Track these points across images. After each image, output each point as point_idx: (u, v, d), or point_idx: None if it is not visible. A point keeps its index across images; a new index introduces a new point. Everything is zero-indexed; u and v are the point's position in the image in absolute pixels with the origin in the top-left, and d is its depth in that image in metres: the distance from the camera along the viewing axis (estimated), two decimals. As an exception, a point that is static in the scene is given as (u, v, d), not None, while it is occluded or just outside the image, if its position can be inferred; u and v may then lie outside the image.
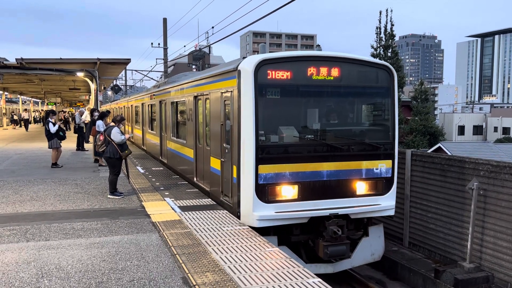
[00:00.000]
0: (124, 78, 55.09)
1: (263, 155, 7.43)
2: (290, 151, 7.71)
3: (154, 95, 17.17)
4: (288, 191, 7.63)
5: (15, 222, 7.73)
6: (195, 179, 10.88)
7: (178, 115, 13.07)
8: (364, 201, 8.10)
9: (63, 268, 5.58)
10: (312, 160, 7.71)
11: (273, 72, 7.45)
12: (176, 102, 13.00)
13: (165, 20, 31.22)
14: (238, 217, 7.80)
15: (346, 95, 8.29)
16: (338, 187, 7.90)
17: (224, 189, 8.64)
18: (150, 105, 18.30)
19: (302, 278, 5.17)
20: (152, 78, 42.51)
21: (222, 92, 8.47)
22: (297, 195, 7.65)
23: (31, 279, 5.23)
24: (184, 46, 34.52)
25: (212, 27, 25.55)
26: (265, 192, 7.46)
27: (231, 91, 7.90)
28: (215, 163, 9.07)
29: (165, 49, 31.49)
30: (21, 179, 12.32)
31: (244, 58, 7.87)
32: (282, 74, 7.50)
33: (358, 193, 8.06)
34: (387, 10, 38.72)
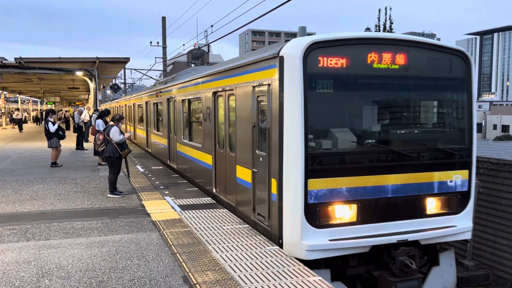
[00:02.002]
0: (123, 77, 55.03)
1: (314, 166, 5.88)
2: (348, 161, 6.15)
3: (160, 92, 15.59)
4: (345, 212, 6.12)
5: (15, 222, 7.73)
6: (214, 189, 9.36)
7: (191, 114, 11.61)
8: (437, 222, 6.54)
9: (63, 267, 5.57)
10: (374, 172, 6.19)
11: (326, 59, 5.91)
12: (189, 99, 11.52)
13: (164, 18, 31.19)
14: (279, 245, 6.21)
15: (413, 89, 6.63)
16: (406, 206, 6.38)
17: (257, 207, 7.03)
18: (155, 104, 16.73)
19: (303, 277, 5.17)
20: (151, 77, 42.49)
21: (254, 86, 6.94)
22: (356, 216, 6.13)
23: (31, 278, 5.22)
24: (183, 44, 34.50)
25: (211, 26, 25.46)
26: (316, 214, 5.93)
27: (269, 84, 6.38)
28: (244, 174, 7.51)
29: (164, 48, 31.47)
30: (21, 178, 12.31)
31: (286, 41, 6.28)
32: (336, 62, 5.97)
33: (429, 212, 6.54)
34: (386, 8, 38.74)
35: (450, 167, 6.62)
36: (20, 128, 37.02)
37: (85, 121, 21.19)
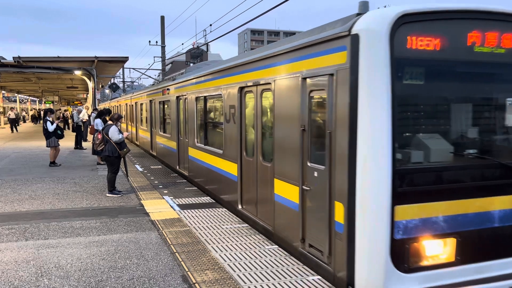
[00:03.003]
0: (121, 76, 55.00)
1: (404, 187, 4.36)
2: (445, 179, 4.58)
3: (168, 89, 14.08)
4: (440, 249, 4.58)
5: (13, 221, 7.72)
6: (240, 206, 7.86)
7: (208, 114, 10.07)
8: None
9: (62, 266, 5.57)
10: (477, 194, 4.63)
11: (416, 38, 4.38)
12: (205, 97, 9.96)
13: (162, 18, 31.18)
14: None
15: None
16: None
17: (309, 236, 5.47)
18: (162, 102, 15.21)
19: (302, 276, 5.17)
20: (150, 76, 42.45)
21: (304, 78, 5.40)
22: (455, 255, 4.58)
23: (30, 278, 5.22)
24: (182, 44, 34.50)
25: (210, 25, 25.49)
26: (405, 253, 4.40)
27: (331, 74, 4.82)
28: (287, 191, 5.96)
29: (163, 47, 31.46)
30: (20, 178, 12.29)
31: (358, 14, 4.70)
32: (428, 43, 4.45)
33: None
34: (385, 7, 38.76)
35: None
36: (12, 129, 34.81)
37: (83, 120, 21.18)
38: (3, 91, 44.76)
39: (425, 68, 4.52)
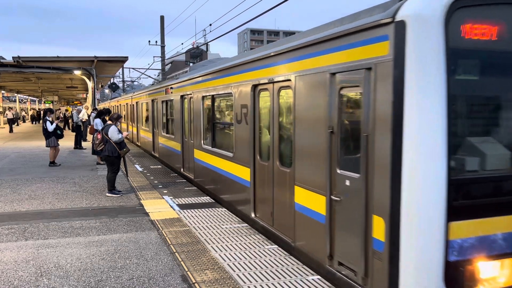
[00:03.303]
0: (121, 76, 54.99)
1: (461, 200, 3.80)
2: (505, 190, 4.00)
3: (171, 88, 13.34)
4: (498, 272, 4.00)
5: (13, 221, 7.72)
6: (253, 214, 7.24)
7: (216, 114, 9.55)
8: None
9: (62, 266, 5.57)
10: None
11: (473, 25, 3.80)
12: (213, 96, 9.38)
13: (162, 17, 31.16)
14: None
15: None
16: None
17: (339, 253, 4.83)
18: (165, 102, 14.55)
19: (302, 276, 5.17)
20: (149, 76, 42.44)
21: (333, 73, 4.74)
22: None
23: (30, 277, 5.22)
24: (182, 43, 34.50)
25: (210, 25, 25.45)
26: (460, 277, 3.85)
27: (368, 68, 4.21)
28: (311, 200, 5.29)
29: (163, 47, 31.45)
30: (19, 177, 12.29)
31: None
32: (486, 30, 3.85)
33: None
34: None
35: None
36: (10, 129, 34.26)
37: (83, 120, 21.18)
38: (2, 91, 44.74)
39: (481, 61, 3.93)
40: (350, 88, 4.56)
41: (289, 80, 5.79)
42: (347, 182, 4.58)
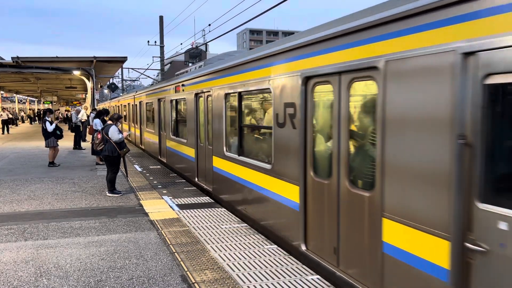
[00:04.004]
0: (120, 76, 54.96)
1: None
2: None
3: (183, 85, 11.76)
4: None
5: (13, 221, 7.71)
6: (304, 246, 5.70)
7: (244, 115, 7.92)
8: None
9: (61, 267, 5.57)
10: None
11: None
12: (239, 93, 7.74)
13: (161, 18, 31.16)
14: None
15: None
16: None
17: None
18: (173, 101, 13.12)
19: (301, 275, 5.17)
20: (148, 76, 42.42)
21: (470, 53, 3.18)
22: None
23: (29, 278, 5.22)
24: (181, 43, 34.50)
25: (209, 25, 25.47)
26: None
27: None
28: (417, 243, 3.72)
29: (162, 47, 31.45)
30: (18, 178, 12.28)
31: None
32: None
33: None
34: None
35: None
36: (3, 130, 33.13)
37: (82, 120, 21.17)
38: (1, 92, 44.70)
39: None
40: (506, 76, 2.93)
41: (372, 68, 4.21)
42: (502, 225, 3.04)
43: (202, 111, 10.19)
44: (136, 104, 21.80)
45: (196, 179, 10.85)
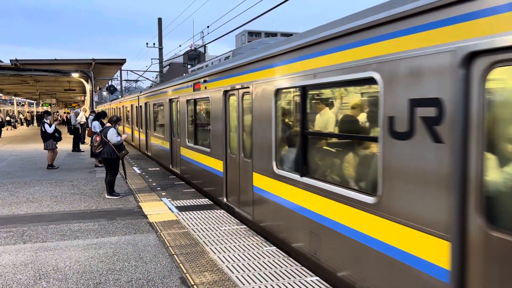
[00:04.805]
0: (119, 79, 54.95)
1: None
2: None
3: (205, 81, 9.60)
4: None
5: (11, 224, 7.70)
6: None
7: (310, 119, 5.64)
8: None
9: (60, 269, 5.56)
10: None
11: None
12: (303, 88, 5.54)
13: (160, 20, 31.19)
14: None
15: None
16: None
17: None
18: (191, 102, 11.01)
19: (300, 277, 5.17)
20: (147, 78, 42.44)
21: None
22: None
23: (28, 281, 5.21)
24: (180, 45, 34.56)
25: (207, 27, 25.52)
26: None
27: None
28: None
29: (160, 49, 31.47)
30: (17, 180, 12.27)
31: None
32: None
33: None
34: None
35: None
36: None
37: (81, 122, 21.17)
38: (0, 94, 44.67)
39: None
40: None
41: None
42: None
43: (235, 113, 7.96)
44: (140, 106, 20.05)
45: (226, 198, 8.73)
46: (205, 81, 9.60)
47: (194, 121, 11.01)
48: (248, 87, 7.30)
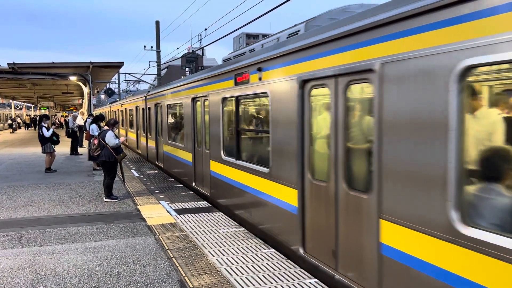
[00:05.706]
0: (116, 82, 54.95)
1: None
2: None
3: (259, 69, 6.72)
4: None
5: (9, 228, 7.68)
6: None
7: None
8: None
9: (58, 273, 5.55)
10: None
11: None
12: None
13: (157, 22, 31.18)
14: None
15: None
16: None
17: None
18: (233, 101, 8.03)
19: (299, 279, 5.17)
20: (145, 81, 42.40)
21: None
22: None
23: (26, 285, 5.19)
24: (177, 48, 34.55)
25: (205, 29, 25.54)
26: None
27: None
28: None
29: (158, 52, 31.46)
30: (15, 184, 12.24)
31: None
32: None
33: None
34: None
35: None
36: None
37: (80, 124, 21.14)
38: (-2, 98, 44.61)
39: None
40: None
41: None
42: None
43: (317, 118, 5.47)
44: (149, 108, 17.14)
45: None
46: (259, 70, 6.78)
47: (236, 127, 8.03)
48: (313, 80, 5.31)
